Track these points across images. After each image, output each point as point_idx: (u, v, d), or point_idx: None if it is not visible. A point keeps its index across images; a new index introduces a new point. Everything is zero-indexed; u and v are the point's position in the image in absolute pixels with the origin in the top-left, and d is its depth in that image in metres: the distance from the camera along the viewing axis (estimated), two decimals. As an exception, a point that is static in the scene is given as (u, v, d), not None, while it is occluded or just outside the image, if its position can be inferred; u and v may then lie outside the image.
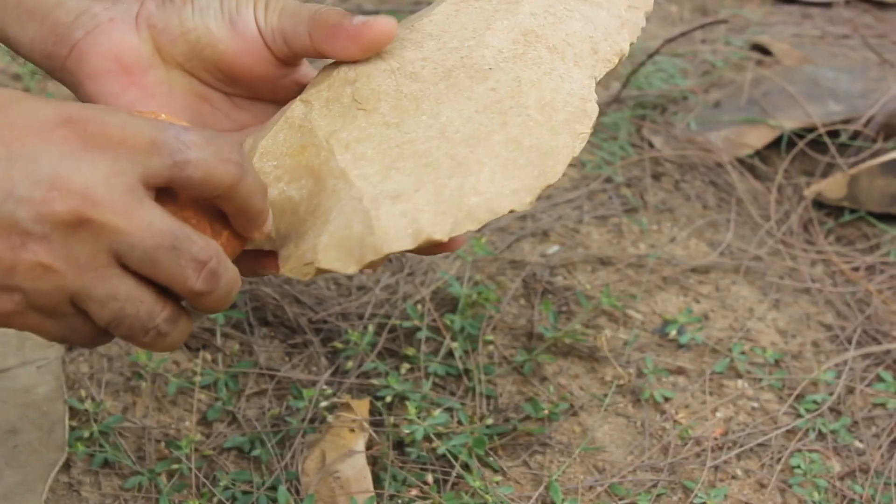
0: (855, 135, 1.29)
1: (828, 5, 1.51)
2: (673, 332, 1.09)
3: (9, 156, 0.59)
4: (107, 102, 0.75)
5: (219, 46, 0.75)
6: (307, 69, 0.81)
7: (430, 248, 0.70)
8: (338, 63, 0.76)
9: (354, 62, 0.76)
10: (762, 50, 1.42)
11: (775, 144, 1.30)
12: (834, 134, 1.29)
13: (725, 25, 1.45)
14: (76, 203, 0.60)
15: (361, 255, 0.68)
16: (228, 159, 0.64)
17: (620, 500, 0.95)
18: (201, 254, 0.63)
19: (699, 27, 1.34)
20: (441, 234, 0.68)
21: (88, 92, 0.75)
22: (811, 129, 1.29)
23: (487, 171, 0.70)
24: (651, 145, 1.29)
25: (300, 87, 0.80)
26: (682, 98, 1.34)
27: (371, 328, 1.05)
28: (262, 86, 0.78)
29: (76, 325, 0.64)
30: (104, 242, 0.61)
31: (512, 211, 0.69)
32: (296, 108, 0.74)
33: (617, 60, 0.77)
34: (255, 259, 0.74)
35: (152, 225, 0.61)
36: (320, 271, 0.68)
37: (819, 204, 1.25)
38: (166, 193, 0.65)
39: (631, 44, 0.79)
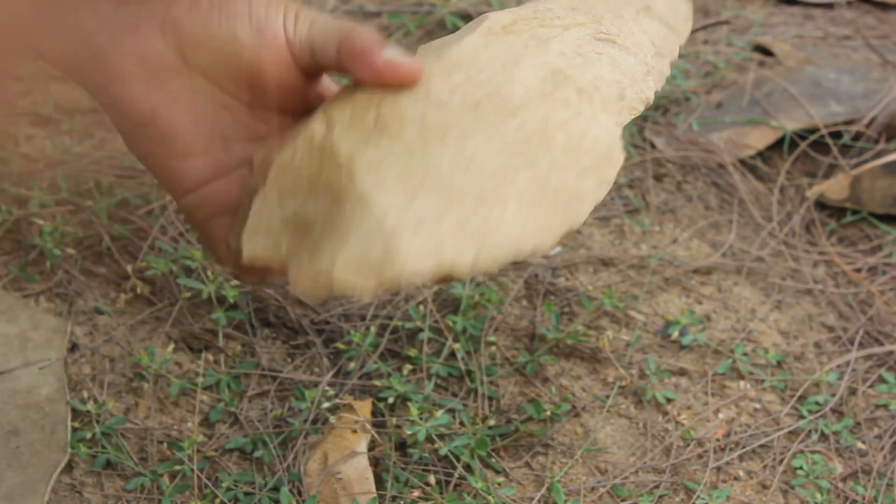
0: (857, 136, 1.29)
1: (830, 6, 1.51)
2: (675, 334, 1.09)
3: None
4: (129, 106, 0.74)
5: (244, 54, 0.75)
6: (329, 83, 0.80)
7: (445, 279, 0.70)
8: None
9: None
10: (764, 51, 1.42)
11: (777, 145, 1.30)
12: (836, 135, 1.29)
13: (727, 26, 1.45)
14: None
15: (380, 280, 0.67)
16: None
17: (622, 501, 0.95)
18: None
19: (701, 28, 1.34)
20: (461, 270, 0.67)
21: (112, 95, 0.74)
22: (813, 130, 1.28)
23: (511, 210, 0.69)
24: (653, 146, 1.29)
25: (321, 100, 0.79)
26: (684, 99, 1.34)
27: (373, 329, 1.05)
28: (284, 97, 0.78)
29: None
30: None
31: (532, 254, 0.69)
32: (316, 127, 0.73)
33: (642, 108, 0.76)
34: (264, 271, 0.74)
35: None
36: (335, 291, 0.68)
37: (821, 205, 1.25)
38: None
39: (656, 92, 0.78)
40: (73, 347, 1.03)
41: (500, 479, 0.96)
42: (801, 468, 0.99)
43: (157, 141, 0.75)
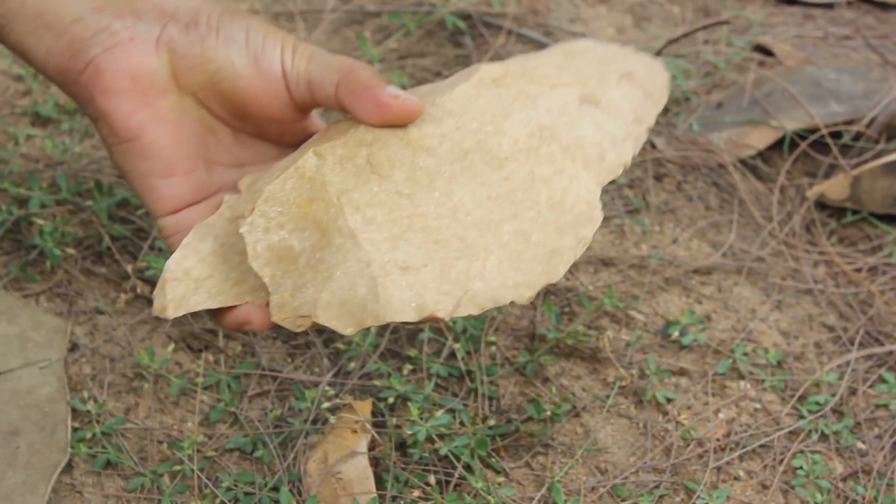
0: (857, 136, 1.29)
1: (830, 6, 1.51)
2: (675, 333, 1.09)
3: None
4: (116, 121, 0.74)
5: (238, 82, 0.75)
6: (317, 119, 0.81)
7: (425, 321, 0.72)
8: (354, 120, 0.76)
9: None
10: (764, 51, 1.42)
11: (777, 145, 1.30)
12: (836, 135, 1.29)
13: (728, 26, 1.45)
14: None
15: (361, 320, 0.69)
16: None
17: (623, 501, 0.95)
18: None
19: (701, 28, 1.34)
20: (443, 314, 0.69)
21: (100, 108, 0.75)
22: (813, 130, 1.28)
23: (494, 260, 0.71)
24: (653, 146, 1.29)
25: (307, 135, 0.79)
26: (684, 99, 1.34)
27: (373, 329, 1.05)
28: (272, 127, 0.78)
29: None
30: None
31: (512, 303, 0.70)
32: (308, 160, 0.73)
33: (621, 171, 0.78)
34: (242, 314, 0.74)
35: None
36: (315, 325, 0.69)
37: (821, 205, 1.25)
38: None
39: (633, 156, 0.80)
40: (74, 347, 1.03)
41: (501, 479, 0.96)
42: (801, 468, 0.99)
43: (141, 157, 0.75)
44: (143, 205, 0.80)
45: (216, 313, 0.75)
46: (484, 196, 0.73)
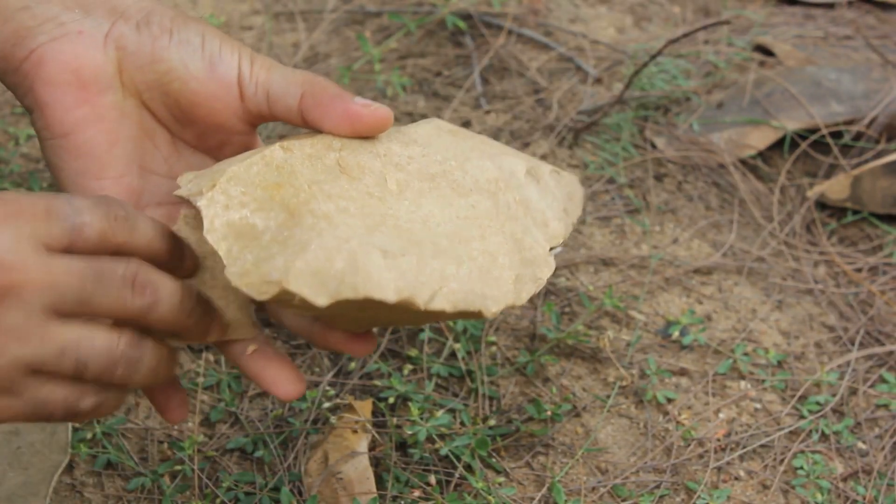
0: (858, 136, 1.29)
1: (830, 6, 1.51)
2: (675, 334, 1.09)
3: None
4: (52, 115, 0.73)
5: (190, 83, 0.73)
6: (259, 139, 0.80)
7: (398, 316, 0.71)
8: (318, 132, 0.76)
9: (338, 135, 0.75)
10: (765, 51, 1.42)
11: (778, 145, 1.30)
12: (837, 135, 1.29)
13: (728, 26, 1.45)
14: None
15: (337, 291, 0.68)
16: (117, 216, 0.65)
17: (623, 501, 0.95)
18: (127, 272, 0.64)
19: (702, 28, 1.34)
20: (420, 301, 0.69)
21: (39, 99, 0.73)
22: (814, 130, 1.28)
23: (466, 269, 0.72)
24: (654, 146, 1.29)
25: (247, 150, 0.78)
26: (684, 99, 1.34)
27: (374, 329, 1.05)
28: (216, 135, 0.76)
29: (44, 394, 0.63)
30: (34, 302, 0.61)
31: (479, 313, 0.71)
32: (275, 151, 0.73)
33: (559, 242, 0.80)
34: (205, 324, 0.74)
35: (71, 268, 0.62)
36: (285, 293, 0.67)
37: (822, 205, 1.25)
38: None
39: (564, 243, 0.82)
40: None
41: (501, 479, 0.96)
42: (801, 468, 0.99)
43: (73, 155, 0.73)
44: None
45: None
46: (452, 214, 0.75)
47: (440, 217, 0.74)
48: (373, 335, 0.76)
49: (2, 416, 0.63)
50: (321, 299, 0.67)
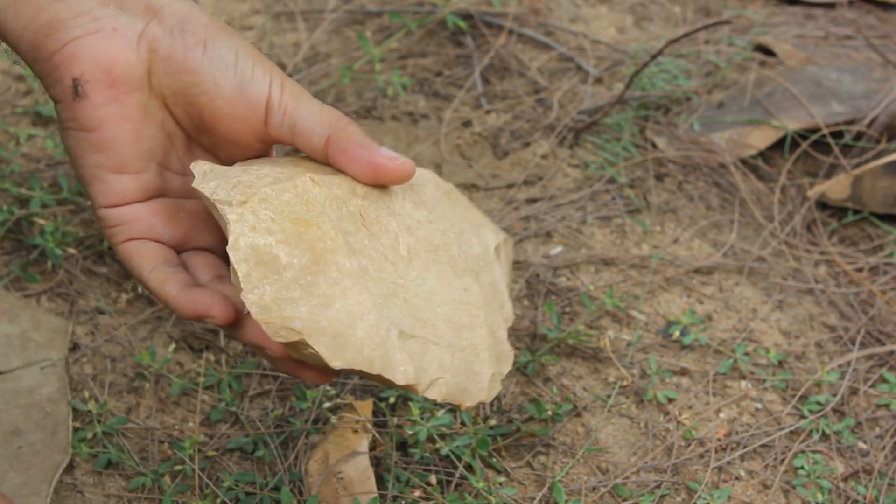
0: (858, 135, 1.29)
1: (831, 6, 1.51)
2: (676, 333, 1.09)
3: None
4: (83, 109, 0.73)
5: (216, 101, 0.74)
6: (273, 150, 0.80)
7: (405, 388, 0.73)
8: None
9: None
10: (765, 51, 1.42)
11: (779, 145, 1.30)
12: (837, 135, 1.29)
13: (729, 26, 1.45)
14: None
15: (354, 360, 0.70)
16: None
17: (624, 500, 0.95)
18: None
19: (702, 28, 1.34)
20: (420, 388, 0.72)
21: (68, 92, 0.73)
22: (814, 130, 1.28)
23: (457, 360, 0.74)
24: (654, 146, 1.29)
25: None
26: (685, 99, 1.34)
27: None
28: (232, 148, 0.77)
29: None
30: None
31: (457, 405, 0.73)
32: (307, 182, 0.73)
33: (506, 326, 0.81)
34: (204, 304, 0.73)
35: None
36: (303, 343, 0.69)
37: (822, 205, 1.25)
38: None
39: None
40: (75, 347, 1.03)
41: (502, 478, 0.96)
42: (802, 468, 0.99)
43: (95, 149, 0.74)
44: (85, 191, 0.78)
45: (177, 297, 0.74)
46: (449, 296, 0.76)
47: (440, 297, 0.76)
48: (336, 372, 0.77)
49: None
50: (336, 362, 0.69)
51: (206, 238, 0.78)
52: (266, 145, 0.77)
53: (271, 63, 0.75)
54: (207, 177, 0.73)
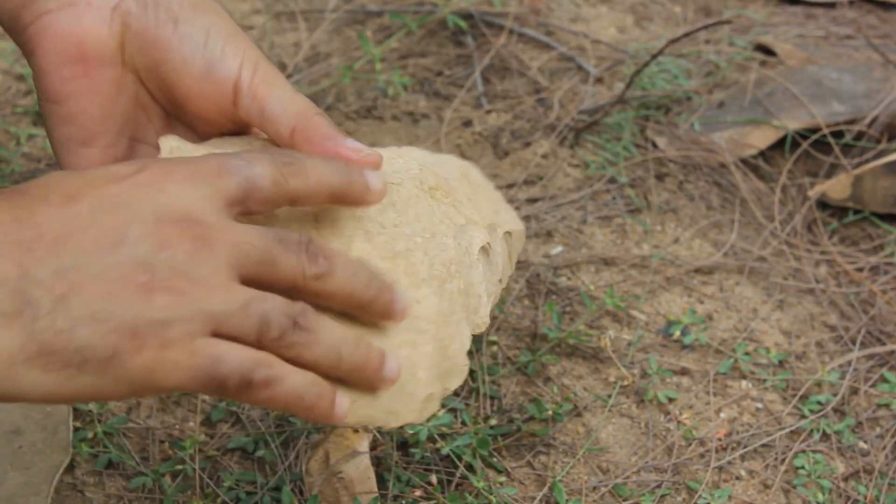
0: (859, 135, 1.29)
1: (831, 6, 1.51)
2: (677, 333, 1.09)
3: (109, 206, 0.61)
4: (52, 83, 0.73)
5: (185, 80, 0.73)
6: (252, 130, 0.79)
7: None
8: None
9: None
10: (766, 50, 1.42)
11: (779, 145, 1.30)
12: (838, 134, 1.29)
13: (729, 26, 1.45)
14: (186, 225, 0.61)
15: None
16: (284, 161, 0.66)
17: (624, 500, 0.95)
18: (302, 238, 0.65)
19: (703, 28, 1.34)
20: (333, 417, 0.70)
21: (38, 65, 0.73)
22: (815, 130, 1.28)
23: (421, 382, 0.72)
24: (655, 146, 1.29)
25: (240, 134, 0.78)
26: (685, 98, 1.34)
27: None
28: (205, 127, 0.76)
29: (222, 352, 0.61)
30: (222, 258, 0.61)
31: (379, 427, 0.73)
32: None
33: (480, 331, 0.79)
34: None
35: (252, 230, 0.63)
36: None
37: (823, 204, 1.25)
38: None
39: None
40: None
41: (502, 478, 0.96)
42: (802, 468, 0.99)
43: (64, 121, 0.73)
44: (56, 158, 0.78)
45: None
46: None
47: None
48: None
49: (170, 378, 0.60)
50: None
51: None
52: (240, 125, 0.76)
53: (248, 44, 0.74)
54: (173, 152, 0.72)
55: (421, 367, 0.72)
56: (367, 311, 0.69)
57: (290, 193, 0.66)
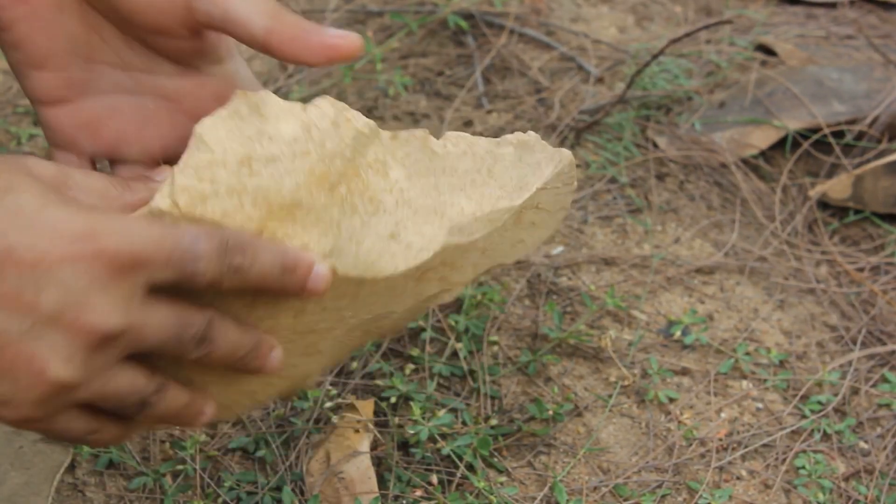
0: (859, 135, 1.29)
1: (832, 6, 1.51)
2: (677, 333, 1.09)
3: (37, 281, 0.61)
4: None
5: None
6: (215, 38, 0.76)
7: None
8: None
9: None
10: (767, 50, 1.42)
11: (780, 145, 1.30)
12: (838, 134, 1.29)
13: (730, 26, 1.45)
14: (98, 323, 0.62)
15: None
16: (234, 266, 0.66)
17: (625, 500, 0.95)
18: (199, 330, 0.67)
19: (704, 27, 1.34)
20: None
21: None
22: (816, 130, 1.28)
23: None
24: (655, 146, 1.29)
25: (203, 55, 0.76)
26: (686, 98, 1.34)
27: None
28: (161, 40, 0.74)
29: (71, 424, 0.67)
30: (118, 350, 0.64)
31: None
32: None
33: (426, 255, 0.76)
34: None
35: (161, 324, 0.65)
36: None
37: (824, 204, 1.25)
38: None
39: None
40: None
41: (503, 478, 0.96)
42: (803, 468, 0.99)
43: (12, 47, 0.73)
44: (22, 89, 0.78)
45: None
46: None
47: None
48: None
49: (20, 425, 0.66)
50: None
51: (135, 148, 0.77)
52: (197, 33, 0.74)
53: None
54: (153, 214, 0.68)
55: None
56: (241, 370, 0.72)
57: (220, 289, 0.67)
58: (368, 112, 1.30)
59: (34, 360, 0.62)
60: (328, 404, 0.98)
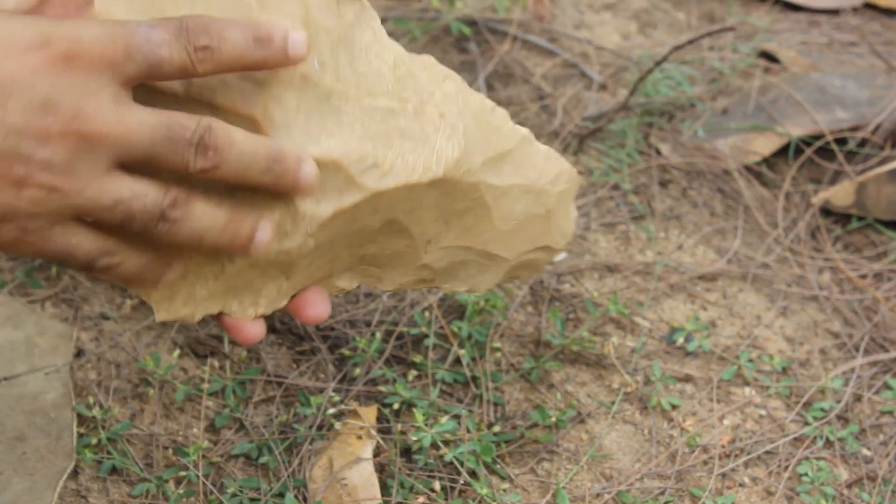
0: (862, 142, 1.29)
1: (835, 13, 1.51)
2: (680, 340, 1.09)
3: (1, 88, 0.60)
4: None
5: None
6: None
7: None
8: None
9: None
10: (769, 57, 1.42)
11: (783, 152, 1.30)
12: (841, 141, 1.29)
13: (733, 33, 1.45)
14: (73, 122, 0.61)
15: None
16: (198, 46, 0.64)
17: (628, 507, 0.95)
18: (195, 134, 0.64)
19: (707, 34, 1.34)
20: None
21: None
22: (819, 137, 1.29)
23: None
24: (658, 152, 1.29)
25: None
26: (689, 105, 1.34)
27: (378, 335, 1.05)
28: None
29: (75, 242, 0.64)
30: (103, 152, 0.62)
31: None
32: None
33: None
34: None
35: (143, 122, 0.63)
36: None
37: (826, 211, 1.25)
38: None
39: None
40: (79, 353, 1.03)
41: (506, 485, 0.96)
42: (806, 475, 0.99)
43: None
44: None
45: None
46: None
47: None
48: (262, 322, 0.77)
49: (28, 253, 0.64)
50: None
51: None
52: None
53: None
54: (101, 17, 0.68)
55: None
56: (270, 191, 0.68)
57: (197, 75, 0.65)
58: (371, 118, 1.31)
59: (14, 168, 0.60)
60: (331, 411, 0.98)
